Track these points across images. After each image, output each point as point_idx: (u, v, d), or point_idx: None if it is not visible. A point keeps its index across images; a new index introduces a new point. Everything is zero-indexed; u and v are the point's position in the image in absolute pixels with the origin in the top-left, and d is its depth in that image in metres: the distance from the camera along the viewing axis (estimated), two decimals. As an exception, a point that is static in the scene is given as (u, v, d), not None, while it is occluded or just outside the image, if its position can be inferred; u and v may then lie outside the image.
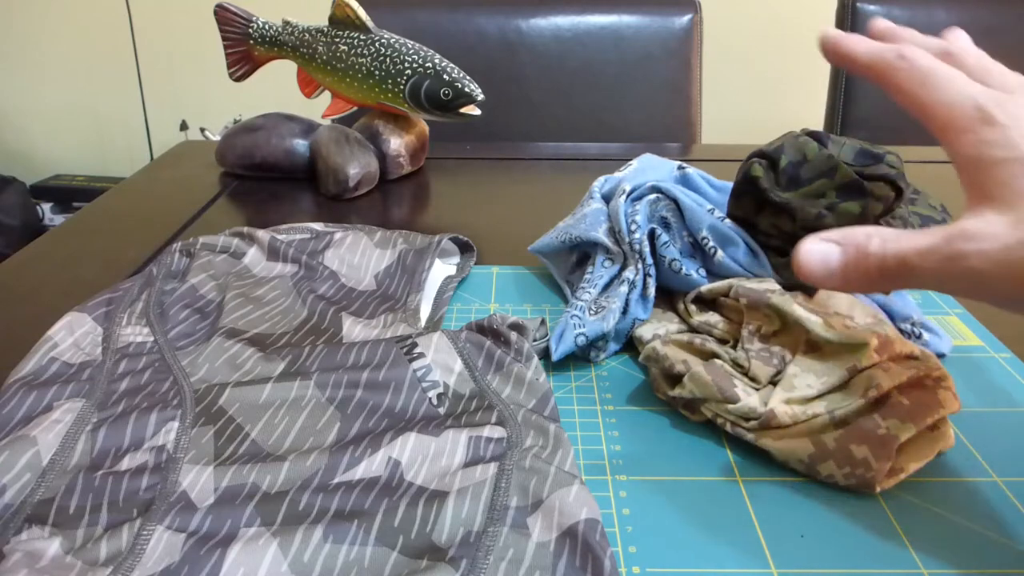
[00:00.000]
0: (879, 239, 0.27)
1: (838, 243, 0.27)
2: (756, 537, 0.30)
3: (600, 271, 0.45)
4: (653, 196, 0.47)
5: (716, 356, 0.37)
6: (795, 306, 0.37)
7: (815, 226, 0.40)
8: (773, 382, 0.36)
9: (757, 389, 0.35)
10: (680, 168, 0.51)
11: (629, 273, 0.43)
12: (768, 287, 0.39)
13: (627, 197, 0.47)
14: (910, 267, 0.26)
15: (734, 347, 0.39)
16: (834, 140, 0.42)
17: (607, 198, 0.51)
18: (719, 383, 0.35)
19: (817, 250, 0.28)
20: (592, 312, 0.42)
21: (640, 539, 0.30)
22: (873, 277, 0.27)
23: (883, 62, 0.30)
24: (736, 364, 0.37)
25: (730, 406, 0.34)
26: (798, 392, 0.34)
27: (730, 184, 0.51)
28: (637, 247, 0.44)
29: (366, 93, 0.67)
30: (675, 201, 0.46)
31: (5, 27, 2.09)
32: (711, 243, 0.43)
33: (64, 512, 0.30)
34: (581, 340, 0.41)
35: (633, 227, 0.45)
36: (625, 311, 0.42)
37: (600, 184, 0.52)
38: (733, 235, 0.44)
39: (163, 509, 0.29)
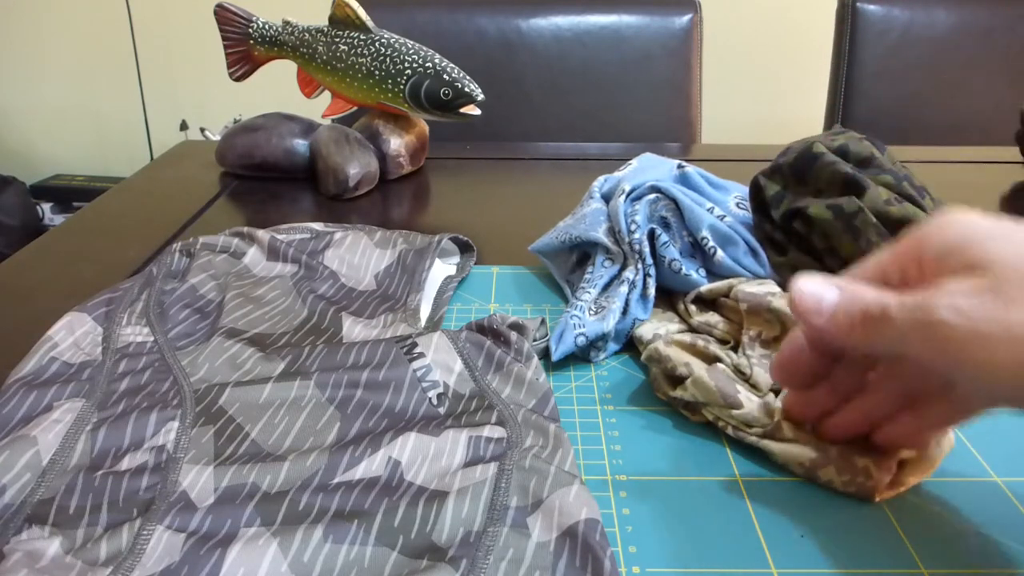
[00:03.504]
0: (875, 292, 0.27)
1: (838, 287, 0.28)
2: (756, 537, 0.30)
3: (600, 271, 0.45)
4: (652, 196, 0.47)
5: (719, 360, 0.37)
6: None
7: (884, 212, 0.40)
8: (775, 390, 0.36)
9: (760, 396, 0.35)
10: (680, 167, 0.51)
11: (629, 273, 0.43)
12: (768, 290, 0.39)
13: (626, 197, 0.47)
14: (888, 316, 0.26)
15: (735, 348, 0.39)
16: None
17: (607, 198, 0.51)
18: (722, 388, 0.35)
19: (814, 286, 0.28)
20: (592, 312, 0.42)
21: (640, 539, 0.30)
22: (856, 322, 0.27)
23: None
24: (738, 371, 0.37)
25: (733, 412, 0.34)
26: None
27: (729, 183, 0.51)
28: (637, 247, 0.44)
29: (366, 93, 0.67)
30: (674, 201, 0.46)
31: (5, 27, 2.09)
32: (711, 243, 0.43)
33: (64, 512, 0.30)
34: (581, 340, 0.41)
35: (633, 227, 0.45)
36: (625, 311, 0.42)
37: (600, 184, 0.52)
38: (733, 235, 0.44)
39: (163, 509, 0.29)
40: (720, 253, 0.43)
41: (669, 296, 0.45)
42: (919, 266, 0.27)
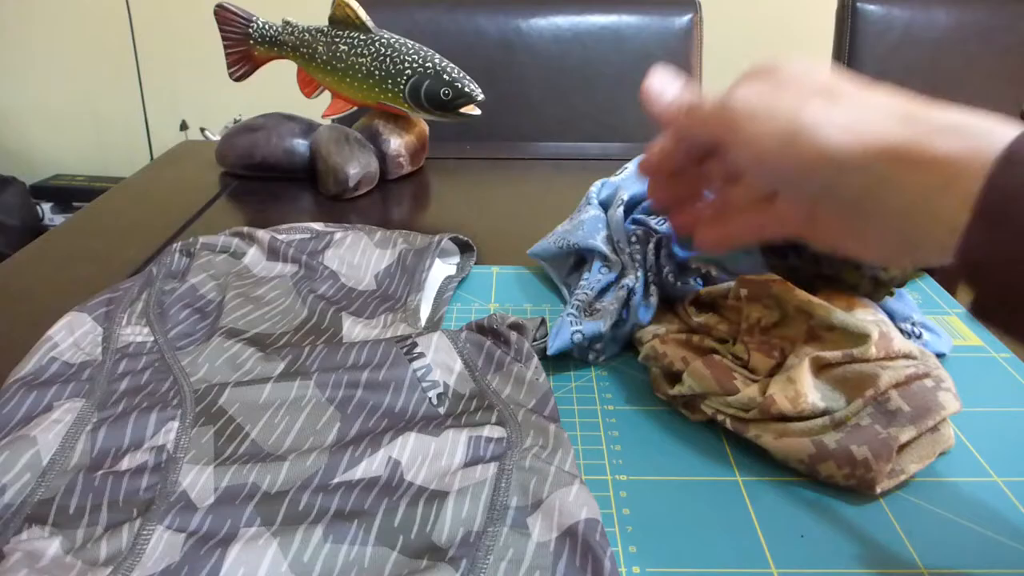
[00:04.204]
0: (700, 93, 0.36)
1: (680, 87, 0.36)
2: (756, 537, 0.30)
3: (597, 276, 0.45)
4: (653, 219, 0.47)
5: (715, 352, 0.37)
6: (797, 291, 0.37)
7: None
8: (772, 375, 0.36)
9: (756, 381, 0.35)
10: None
11: (628, 280, 0.43)
12: (770, 278, 0.39)
13: (624, 206, 0.47)
14: (702, 107, 0.34)
15: (734, 345, 0.39)
16: None
17: (604, 204, 0.51)
18: (718, 376, 0.35)
19: (661, 81, 0.37)
20: (588, 314, 0.42)
21: (640, 539, 0.30)
22: (682, 111, 0.35)
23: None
24: (736, 357, 0.37)
25: (730, 398, 0.34)
26: (798, 383, 0.34)
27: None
28: (639, 257, 0.44)
29: (366, 93, 0.67)
30: None
31: (5, 27, 2.09)
32: (704, 268, 0.44)
33: (64, 512, 0.30)
34: (578, 337, 0.41)
35: (633, 239, 0.45)
36: (626, 317, 0.42)
37: (597, 189, 0.52)
38: (728, 253, 0.44)
39: (163, 509, 0.29)
40: (715, 270, 0.44)
41: (669, 299, 0.45)
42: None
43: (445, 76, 0.64)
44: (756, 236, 0.37)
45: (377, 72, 0.65)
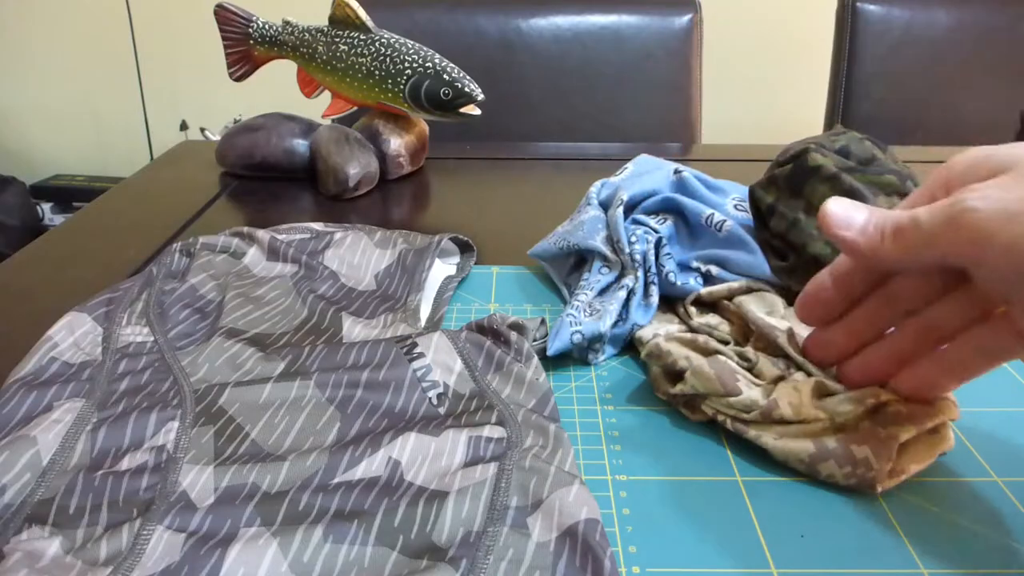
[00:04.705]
0: (904, 210, 0.29)
1: (867, 207, 0.30)
2: (756, 537, 0.30)
3: (597, 276, 0.45)
4: (653, 219, 0.47)
5: (720, 353, 0.37)
6: (801, 357, 0.36)
7: None
8: (776, 381, 0.36)
9: (759, 385, 0.35)
10: (676, 172, 0.51)
11: (628, 281, 0.43)
12: (775, 324, 0.38)
13: (624, 206, 0.48)
14: (918, 223, 0.27)
15: (736, 346, 0.39)
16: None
17: (604, 205, 0.51)
18: (721, 377, 0.35)
19: (843, 206, 0.30)
20: (588, 314, 0.42)
21: (640, 539, 0.30)
22: (886, 234, 0.28)
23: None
24: (743, 358, 0.37)
25: (732, 399, 0.34)
26: (803, 393, 0.34)
27: (727, 183, 0.51)
28: (638, 257, 0.44)
29: (366, 93, 0.67)
30: (678, 212, 0.46)
31: (5, 27, 2.09)
32: (704, 268, 0.44)
33: (64, 512, 0.30)
34: (577, 337, 0.41)
35: (633, 239, 0.45)
36: (626, 317, 0.42)
37: (597, 189, 0.52)
38: (728, 253, 0.44)
39: (163, 509, 0.29)
40: (716, 269, 0.44)
41: (669, 299, 0.45)
42: (947, 190, 0.28)
43: (445, 76, 0.64)
44: (987, 366, 0.31)
45: (377, 72, 0.65)
